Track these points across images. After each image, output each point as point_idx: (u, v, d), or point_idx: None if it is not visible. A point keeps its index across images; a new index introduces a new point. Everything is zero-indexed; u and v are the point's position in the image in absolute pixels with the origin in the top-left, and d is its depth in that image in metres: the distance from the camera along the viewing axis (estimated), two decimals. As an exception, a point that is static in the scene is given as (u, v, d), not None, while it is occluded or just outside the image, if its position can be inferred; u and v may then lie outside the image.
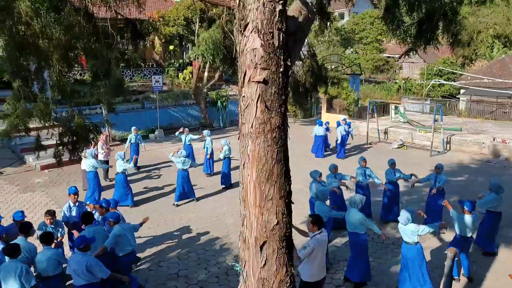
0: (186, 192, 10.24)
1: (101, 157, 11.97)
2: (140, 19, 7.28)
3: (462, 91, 25.18)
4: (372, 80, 33.96)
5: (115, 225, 6.15)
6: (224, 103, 21.38)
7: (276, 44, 3.52)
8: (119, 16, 6.40)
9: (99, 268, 5.20)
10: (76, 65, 6.70)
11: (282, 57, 3.57)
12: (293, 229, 4.11)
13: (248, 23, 3.51)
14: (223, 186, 11.49)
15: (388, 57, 34.14)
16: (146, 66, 24.14)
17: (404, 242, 6.11)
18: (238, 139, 3.84)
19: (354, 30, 34.16)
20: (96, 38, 6.04)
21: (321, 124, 15.15)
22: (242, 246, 3.97)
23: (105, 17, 6.17)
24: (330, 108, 21.74)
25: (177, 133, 13.75)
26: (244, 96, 3.64)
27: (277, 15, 3.48)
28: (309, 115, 23.75)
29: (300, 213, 9.34)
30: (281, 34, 3.54)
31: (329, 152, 15.68)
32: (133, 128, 13.73)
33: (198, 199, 10.56)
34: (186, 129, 13.76)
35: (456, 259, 6.43)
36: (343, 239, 8.17)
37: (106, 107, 14.27)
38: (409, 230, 5.93)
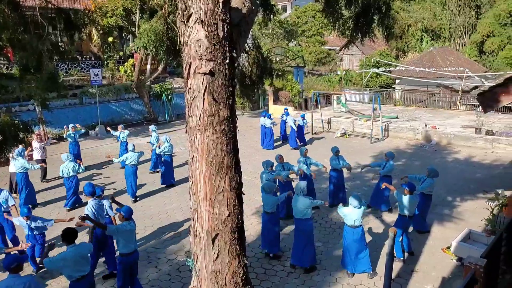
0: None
1: (37, 156, 11.07)
2: (75, 9, 6.83)
3: (397, 81, 26.99)
4: (315, 72, 35.07)
5: (127, 220, 5.76)
6: (169, 96, 20.83)
7: (221, 35, 3.49)
8: (50, 5, 5.94)
9: None
10: (1, 57, 6.13)
11: (227, 48, 3.56)
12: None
13: (191, 14, 3.44)
14: (164, 185, 11.04)
15: (330, 49, 35.45)
16: (84, 59, 22.70)
17: (346, 226, 6.51)
18: (186, 133, 3.77)
19: (297, 23, 34.95)
20: (24, 29, 5.56)
21: (269, 116, 15.33)
22: (193, 241, 3.93)
23: (33, 5, 5.70)
24: (276, 100, 22.16)
25: (113, 132, 13.14)
26: (190, 88, 3.57)
27: (221, 6, 3.45)
28: (256, 107, 24.02)
29: (251, 204, 9.46)
30: (226, 25, 3.52)
31: (279, 143, 16.01)
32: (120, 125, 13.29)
33: (143, 196, 10.27)
34: (121, 125, 13.34)
35: (400, 239, 6.95)
36: (293, 226, 8.41)
37: (39, 103, 13.25)
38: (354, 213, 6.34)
